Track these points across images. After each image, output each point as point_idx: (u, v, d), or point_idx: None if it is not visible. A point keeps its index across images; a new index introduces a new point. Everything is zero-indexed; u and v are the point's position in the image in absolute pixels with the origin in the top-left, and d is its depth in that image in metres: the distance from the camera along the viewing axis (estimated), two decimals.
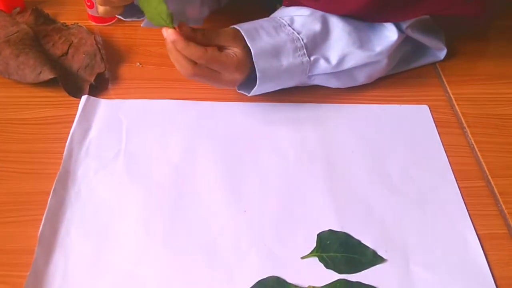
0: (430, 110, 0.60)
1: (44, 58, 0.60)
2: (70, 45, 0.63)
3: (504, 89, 0.64)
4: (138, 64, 0.64)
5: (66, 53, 0.63)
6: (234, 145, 0.55)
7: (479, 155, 0.55)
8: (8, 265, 0.43)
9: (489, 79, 0.66)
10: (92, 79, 0.60)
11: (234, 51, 0.50)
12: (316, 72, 0.55)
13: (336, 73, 0.57)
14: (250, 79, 0.54)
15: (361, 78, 0.60)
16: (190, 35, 0.48)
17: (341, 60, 0.55)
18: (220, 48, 0.50)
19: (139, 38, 0.68)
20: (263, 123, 0.57)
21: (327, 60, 0.55)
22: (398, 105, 0.60)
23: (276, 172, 0.52)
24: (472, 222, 0.49)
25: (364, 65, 0.57)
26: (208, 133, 0.56)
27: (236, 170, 0.52)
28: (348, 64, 0.55)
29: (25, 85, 0.59)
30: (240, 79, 0.52)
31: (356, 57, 0.55)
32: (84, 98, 0.57)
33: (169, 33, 0.47)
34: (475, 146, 0.56)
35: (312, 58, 0.54)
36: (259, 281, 0.43)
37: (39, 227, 0.45)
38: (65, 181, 0.49)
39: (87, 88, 0.59)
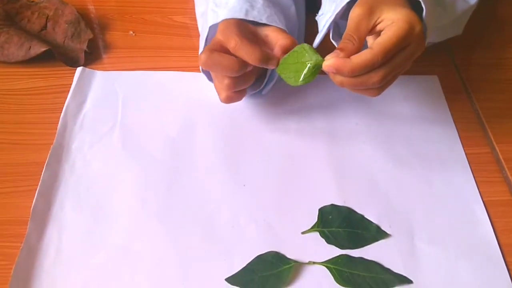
0: (439, 81, 0.58)
1: (27, 34, 0.58)
2: (47, 18, 0.61)
3: (509, 54, 0.62)
4: (131, 32, 0.63)
5: (45, 27, 0.61)
6: (233, 117, 0.53)
7: (484, 121, 0.54)
8: (1, 236, 0.42)
9: (493, 43, 0.64)
10: (84, 47, 0.58)
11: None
12: None
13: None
14: None
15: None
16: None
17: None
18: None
19: (131, 6, 0.66)
20: (265, 94, 0.55)
21: None
22: (407, 76, 0.58)
23: (277, 145, 0.50)
24: (480, 194, 0.47)
25: None
26: (206, 105, 0.53)
27: (235, 143, 0.50)
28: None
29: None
30: None
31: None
32: (79, 70, 0.56)
33: (330, 65, 0.37)
34: (480, 111, 0.55)
35: None
36: (258, 256, 0.42)
37: (32, 198, 0.44)
38: (59, 155, 0.48)
39: (82, 56, 0.58)
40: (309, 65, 0.39)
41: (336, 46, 0.46)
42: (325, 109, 0.54)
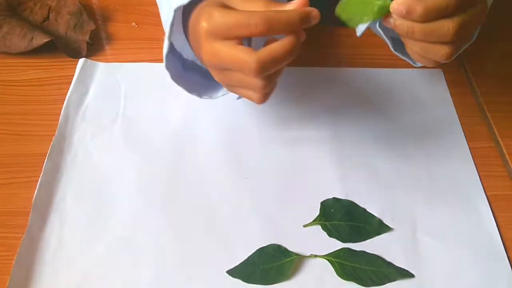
0: (444, 74, 0.57)
1: (29, 24, 0.57)
2: (49, 9, 0.61)
3: None
4: (134, 24, 0.62)
5: (47, 17, 0.60)
6: (236, 109, 0.52)
7: (488, 115, 0.54)
8: (3, 226, 0.42)
9: (498, 37, 0.63)
10: (86, 38, 0.58)
11: None
12: None
13: None
14: None
15: None
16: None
17: None
18: None
19: None
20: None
21: None
22: (411, 69, 0.57)
23: (279, 137, 0.50)
24: (484, 188, 0.47)
25: None
26: None
27: (237, 135, 0.50)
28: None
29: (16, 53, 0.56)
30: None
31: None
32: (81, 61, 0.55)
33: (401, 3, 0.32)
34: (484, 105, 0.55)
35: None
36: (260, 249, 0.42)
37: (34, 188, 0.44)
38: (61, 146, 0.48)
39: (84, 47, 0.57)
40: (378, 4, 0.33)
41: None
42: (329, 102, 0.54)
